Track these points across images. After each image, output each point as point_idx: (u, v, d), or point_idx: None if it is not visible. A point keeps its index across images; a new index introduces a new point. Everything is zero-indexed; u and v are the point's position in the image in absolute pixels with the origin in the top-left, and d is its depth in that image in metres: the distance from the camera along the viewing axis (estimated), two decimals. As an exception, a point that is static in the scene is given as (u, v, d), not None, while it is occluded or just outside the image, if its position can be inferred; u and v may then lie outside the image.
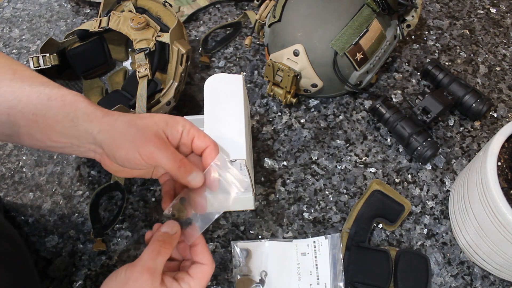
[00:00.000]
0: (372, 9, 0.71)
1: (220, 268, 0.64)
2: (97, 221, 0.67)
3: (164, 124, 0.46)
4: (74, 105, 0.46)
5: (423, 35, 0.89)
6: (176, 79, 0.72)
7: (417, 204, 0.69)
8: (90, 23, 0.73)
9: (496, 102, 0.80)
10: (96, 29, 0.72)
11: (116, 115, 0.46)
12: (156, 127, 0.46)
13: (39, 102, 0.45)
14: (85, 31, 0.74)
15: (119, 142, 0.44)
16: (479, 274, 0.64)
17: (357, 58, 0.71)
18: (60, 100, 0.46)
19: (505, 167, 0.56)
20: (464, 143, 0.75)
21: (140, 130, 0.45)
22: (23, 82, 0.46)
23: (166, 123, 0.46)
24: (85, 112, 0.45)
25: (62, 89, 0.47)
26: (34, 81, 0.47)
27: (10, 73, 0.47)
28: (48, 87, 0.47)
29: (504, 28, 0.90)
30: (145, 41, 0.70)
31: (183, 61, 0.71)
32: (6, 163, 0.76)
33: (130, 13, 0.73)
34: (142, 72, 0.69)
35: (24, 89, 0.46)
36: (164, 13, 0.74)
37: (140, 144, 0.44)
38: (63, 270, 0.65)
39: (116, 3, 0.77)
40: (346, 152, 0.75)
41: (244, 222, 0.68)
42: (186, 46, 0.71)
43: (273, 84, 0.74)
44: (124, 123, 0.45)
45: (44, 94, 0.46)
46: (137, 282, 0.40)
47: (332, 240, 0.65)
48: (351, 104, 0.80)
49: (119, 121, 0.45)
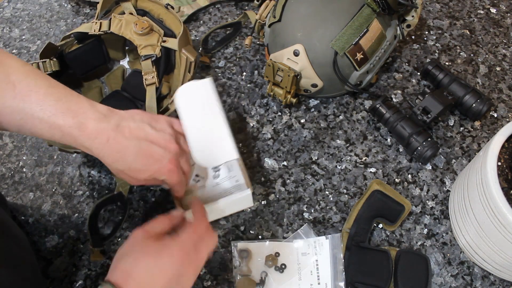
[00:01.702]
0: (372, 9, 0.71)
1: (220, 268, 0.64)
2: (95, 232, 0.67)
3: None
4: (72, 137, 0.49)
5: (423, 35, 0.89)
6: None
7: (417, 204, 0.69)
8: (89, 25, 0.72)
9: (496, 102, 0.80)
10: (96, 32, 0.70)
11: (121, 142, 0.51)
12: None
13: (43, 127, 0.49)
14: (84, 34, 0.72)
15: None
16: (479, 274, 0.64)
17: (357, 58, 0.71)
18: (59, 131, 0.49)
19: (505, 167, 0.56)
20: (464, 143, 0.75)
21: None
22: (25, 102, 0.48)
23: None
24: (84, 146, 0.50)
25: (59, 114, 0.49)
26: (33, 99, 0.48)
27: (10, 89, 0.47)
28: (46, 111, 0.48)
29: (504, 28, 0.90)
30: (151, 47, 0.68)
31: (191, 68, 0.70)
32: (6, 163, 0.76)
33: (132, 16, 0.71)
34: (150, 79, 0.67)
35: (27, 112, 0.48)
36: (167, 16, 0.73)
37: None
38: (63, 270, 0.65)
39: (114, 3, 0.75)
40: (346, 152, 0.75)
41: (244, 222, 0.68)
42: (193, 53, 0.70)
43: (273, 84, 0.74)
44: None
45: (44, 122, 0.48)
46: (133, 236, 0.50)
47: (332, 240, 0.65)
48: (351, 104, 0.80)
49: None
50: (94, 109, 0.50)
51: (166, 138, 0.53)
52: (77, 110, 0.49)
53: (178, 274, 0.47)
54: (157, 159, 0.52)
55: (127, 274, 0.46)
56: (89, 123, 0.49)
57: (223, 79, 0.84)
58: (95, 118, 0.49)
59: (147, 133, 0.52)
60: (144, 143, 0.51)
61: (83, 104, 0.50)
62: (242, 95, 0.82)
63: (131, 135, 0.51)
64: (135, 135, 0.51)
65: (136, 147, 0.51)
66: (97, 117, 0.50)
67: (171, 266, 0.47)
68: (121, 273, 0.46)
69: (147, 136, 0.52)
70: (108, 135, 0.50)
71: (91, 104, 0.50)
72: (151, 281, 0.46)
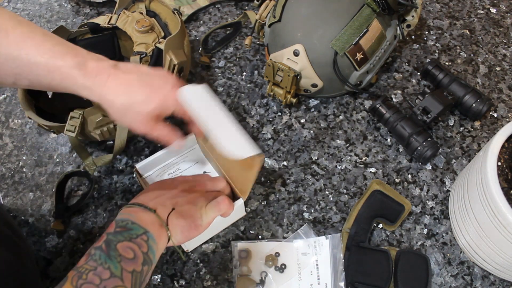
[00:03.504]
0: (372, 9, 0.71)
1: (220, 268, 0.64)
2: (60, 201, 0.70)
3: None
4: (72, 79, 0.50)
5: (423, 35, 0.89)
6: None
7: (417, 204, 0.69)
8: (103, 18, 0.75)
9: (496, 102, 0.80)
10: (106, 25, 0.73)
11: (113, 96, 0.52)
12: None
13: (40, 73, 0.49)
14: (97, 25, 0.75)
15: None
16: (479, 274, 0.64)
17: (357, 58, 0.71)
18: (59, 74, 0.49)
19: (505, 167, 0.56)
20: (464, 143, 0.75)
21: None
22: (20, 49, 0.48)
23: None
24: (85, 85, 0.51)
25: (58, 56, 0.49)
26: (29, 44, 0.48)
27: (3, 37, 0.48)
28: (44, 55, 0.49)
29: (504, 28, 0.90)
30: (145, 45, 0.70)
31: (174, 71, 0.69)
32: (6, 163, 0.76)
33: (139, 15, 0.73)
34: None
35: (22, 58, 0.48)
36: (172, 20, 0.74)
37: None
38: (63, 270, 0.65)
39: (131, 2, 0.77)
40: (346, 152, 0.75)
41: (244, 222, 0.68)
42: (180, 57, 0.69)
43: (273, 84, 0.74)
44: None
45: (43, 66, 0.48)
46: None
47: (332, 240, 0.65)
48: (351, 104, 0.80)
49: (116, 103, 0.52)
50: (91, 53, 0.52)
51: (163, 72, 0.55)
52: (75, 53, 0.50)
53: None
54: (159, 86, 0.53)
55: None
56: (89, 62, 0.50)
57: (223, 79, 0.84)
58: (93, 59, 0.51)
59: (144, 69, 0.54)
60: (143, 75, 0.53)
61: (79, 49, 0.51)
62: (242, 95, 0.82)
63: (130, 71, 0.52)
64: (134, 71, 0.53)
65: (137, 79, 0.52)
66: (95, 58, 0.51)
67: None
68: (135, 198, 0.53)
69: (145, 70, 0.54)
70: (109, 72, 0.51)
71: (87, 51, 0.52)
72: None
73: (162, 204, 0.51)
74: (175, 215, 0.51)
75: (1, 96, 0.84)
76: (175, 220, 0.51)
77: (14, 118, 0.81)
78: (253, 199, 0.70)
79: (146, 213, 0.49)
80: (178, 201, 0.53)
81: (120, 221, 0.48)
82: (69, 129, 0.64)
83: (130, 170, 0.73)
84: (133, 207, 0.50)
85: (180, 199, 0.53)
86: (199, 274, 0.64)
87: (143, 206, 0.50)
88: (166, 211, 0.50)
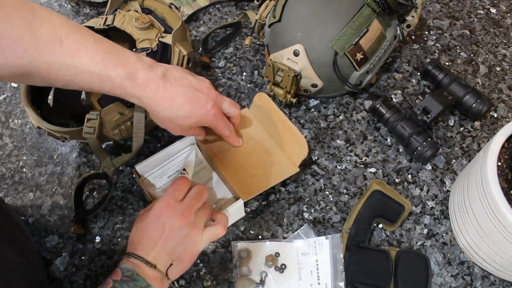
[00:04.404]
0: (372, 9, 0.71)
1: (220, 268, 0.64)
2: (79, 205, 0.69)
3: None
4: (123, 89, 0.52)
5: (423, 35, 0.89)
6: None
7: (417, 204, 0.69)
8: (96, 20, 0.74)
9: (496, 102, 0.80)
10: (101, 26, 0.73)
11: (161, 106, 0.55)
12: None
13: (93, 81, 0.50)
14: (91, 28, 0.74)
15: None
16: (479, 274, 0.64)
17: (357, 58, 0.71)
18: (110, 83, 0.51)
19: (505, 167, 0.56)
20: (464, 143, 0.75)
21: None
22: (74, 57, 0.48)
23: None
24: (135, 96, 0.53)
25: (111, 67, 0.50)
26: (82, 54, 0.49)
27: (57, 46, 0.47)
28: (97, 65, 0.49)
29: (504, 28, 0.90)
30: (148, 41, 0.70)
31: (183, 63, 0.71)
32: (6, 163, 0.76)
33: (136, 13, 0.73)
34: None
35: (76, 67, 0.49)
36: (169, 15, 0.75)
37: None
38: (63, 270, 0.65)
39: (123, 2, 0.77)
40: (346, 152, 0.75)
41: (244, 222, 0.68)
42: (188, 48, 0.71)
43: (273, 84, 0.74)
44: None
45: (96, 75, 0.50)
46: (138, 216, 0.57)
47: (332, 240, 0.65)
48: (351, 104, 0.80)
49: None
50: (141, 60, 0.53)
51: (206, 86, 0.59)
52: (126, 62, 0.51)
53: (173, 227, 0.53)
54: (201, 104, 0.57)
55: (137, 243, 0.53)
56: (139, 73, 0.52)
57: (223, 79, 0.84)
58: (143, 68, 0.52)
59: (190, 81, 0.57)
60: (189, 89, 0.56)
61: (130, 56, 0.52)
62: (242, 95, 0.82)
63: (177, 83, 0.55)
64: (181, 84, 0.55)
65: (183, 94, 0.55)
66: (145, 67, 0.52)
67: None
68: (132, 244, 0.53)
69: (191, 84, 0.57)
70: (158, 84, 0.53)
71: (137, 56, 0.53)
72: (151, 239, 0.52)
73: (160, 259, 0.52)
74: (174, 266, 0.53)
75: (1, 96, 0.84)
76: (175, 269, 0.53)
77: (14, 118, 0.81)
78: (253, 199, 0.70)
79: (147, 268, 0.51)
80: (172, 249, 0.53)
81: (125, 270, 0.50)
82: (87, 131, 0.63)
83: (130, 170, 0.73)
84: (136, 259, 0.51)
85: (173, 245, 0.53)
86: (199, 274, 0.64)
87: (144, 260, 0.51)
88: (165, 265, 0.52)
